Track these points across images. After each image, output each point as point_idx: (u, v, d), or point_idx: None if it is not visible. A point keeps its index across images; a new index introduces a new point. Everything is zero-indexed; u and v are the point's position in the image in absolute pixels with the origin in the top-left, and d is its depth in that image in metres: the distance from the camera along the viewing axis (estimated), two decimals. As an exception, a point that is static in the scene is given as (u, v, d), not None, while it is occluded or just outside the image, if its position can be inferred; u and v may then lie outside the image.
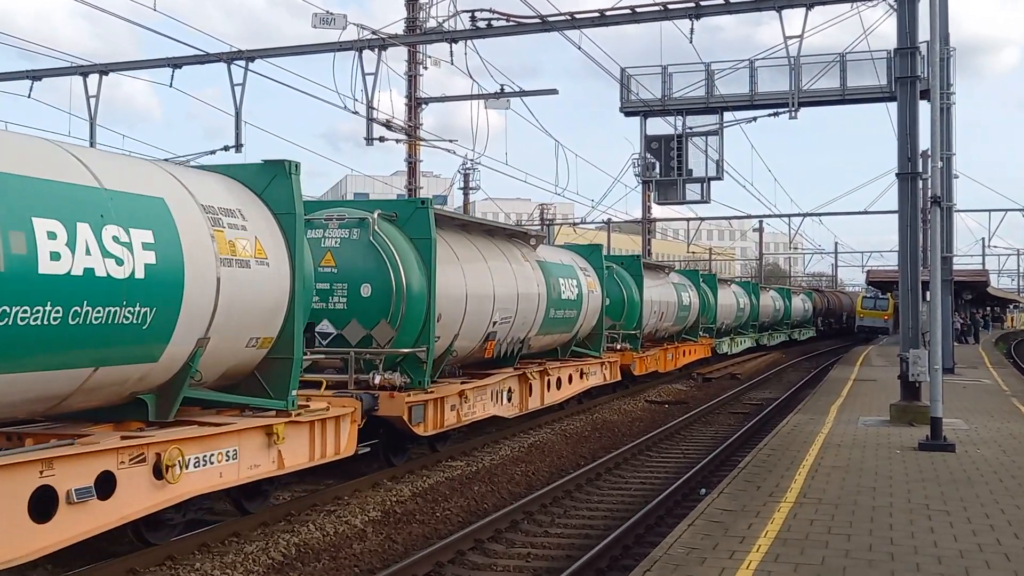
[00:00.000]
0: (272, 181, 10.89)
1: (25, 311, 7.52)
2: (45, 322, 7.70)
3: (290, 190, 10.87)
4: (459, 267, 15.30)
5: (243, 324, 9.99)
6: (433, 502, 12.56)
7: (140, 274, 8.58)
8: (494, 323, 16.49)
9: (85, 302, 8.05)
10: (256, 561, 9.53)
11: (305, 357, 11.24)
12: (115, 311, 8.36)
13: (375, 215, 13.80)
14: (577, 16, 20.49)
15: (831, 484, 11.25)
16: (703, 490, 13.14)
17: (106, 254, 8.25)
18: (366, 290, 13.66)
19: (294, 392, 10.76)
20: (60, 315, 7.82)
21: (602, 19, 20.38)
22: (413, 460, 14.64)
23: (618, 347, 25.07)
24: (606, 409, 23.13)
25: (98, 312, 8.19)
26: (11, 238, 7.41)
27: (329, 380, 12.92)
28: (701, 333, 34.33)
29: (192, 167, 10.96)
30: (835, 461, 12.91)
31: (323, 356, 13.37)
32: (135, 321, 8.60)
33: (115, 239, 8.38)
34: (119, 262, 8.37)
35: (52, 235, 7.76)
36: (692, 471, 14.84)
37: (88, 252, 8.07)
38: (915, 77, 17.59)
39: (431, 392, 14.18)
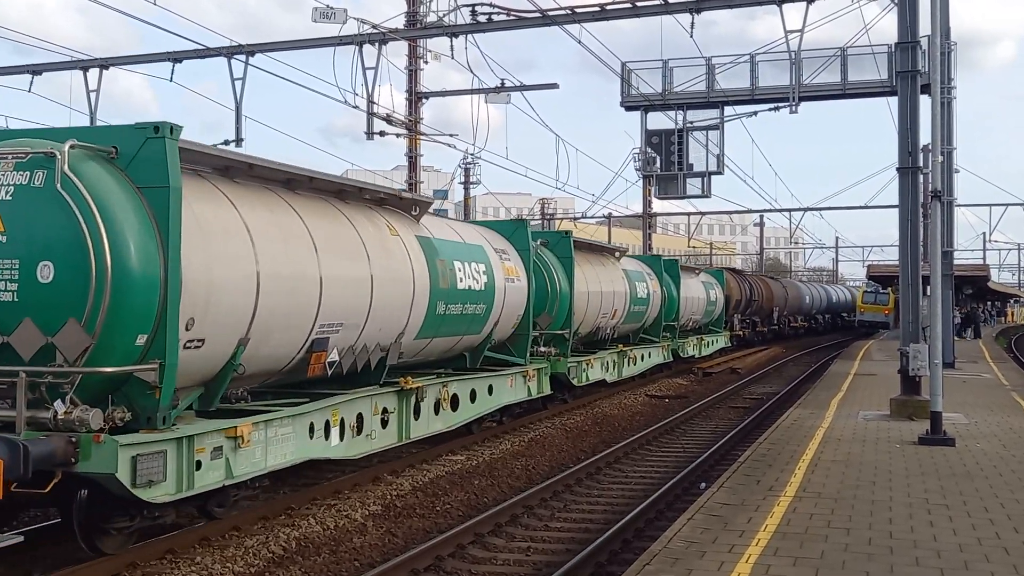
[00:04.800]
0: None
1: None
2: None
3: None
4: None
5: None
6: (433, 496, 12.58)
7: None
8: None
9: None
10: (256, 555, 9.54)
11: None
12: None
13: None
14: (577, 10, 20.48)
15: (831, 478, 11.27)
16: (703, 484, 13.16)
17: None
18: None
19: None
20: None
21: (602, 13, 20.37)
22: (413, 454, 14.67)
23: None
24: (606, 403, 23.15)
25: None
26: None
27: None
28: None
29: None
30: (835, 455, 12.92)
31: None
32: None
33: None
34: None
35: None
36: (692, 466, 14.86)
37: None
38: (916, 71, 17.57)
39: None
